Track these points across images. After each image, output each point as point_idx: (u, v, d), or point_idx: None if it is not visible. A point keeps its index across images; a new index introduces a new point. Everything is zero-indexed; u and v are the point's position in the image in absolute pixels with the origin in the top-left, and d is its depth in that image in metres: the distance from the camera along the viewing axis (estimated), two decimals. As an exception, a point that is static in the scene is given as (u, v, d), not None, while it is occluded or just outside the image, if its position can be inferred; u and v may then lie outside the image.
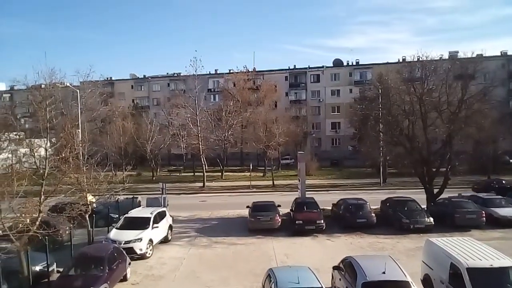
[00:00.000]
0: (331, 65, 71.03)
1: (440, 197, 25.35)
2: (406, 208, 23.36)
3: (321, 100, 69.11)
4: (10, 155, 23.58)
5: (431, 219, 22.06)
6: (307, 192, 27.61)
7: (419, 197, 25.38)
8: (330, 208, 26.10)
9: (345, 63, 70.92)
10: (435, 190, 25.46)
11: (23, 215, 13.35)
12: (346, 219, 23.11)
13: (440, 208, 23.76)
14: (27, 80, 45.70)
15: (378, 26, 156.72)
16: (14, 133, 34.38)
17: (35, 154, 16.43)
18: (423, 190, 25.93)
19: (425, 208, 24.26)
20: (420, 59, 26.52)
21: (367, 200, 25.14)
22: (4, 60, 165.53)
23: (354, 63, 70.11)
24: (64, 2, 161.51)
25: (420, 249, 14.76)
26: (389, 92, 28.83)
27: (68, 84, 42.15)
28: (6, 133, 29.43)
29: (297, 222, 22.18)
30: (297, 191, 29.56)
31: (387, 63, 61.52)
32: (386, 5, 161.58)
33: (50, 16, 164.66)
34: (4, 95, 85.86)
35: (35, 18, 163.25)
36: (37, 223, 13.48)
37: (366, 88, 49.39)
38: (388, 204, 24.97)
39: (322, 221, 22.17)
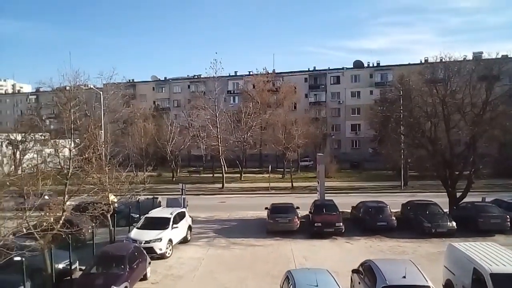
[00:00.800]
0: (352, 66, 70.48)
1: (463, 201, 24.79)
2: (428, 212, 22.95)
3: (341, 102, 68.58)
4: (35, 155, 24.27)
5: (454, 223, 21.61)
6: (326, 195, 27.45)
7: (441, 200, 24.89)
8: (350, 210, 25.86)
9: (365, 65, 70.20)
10: (458, 194, 24.91)
11: (47, 214, 13.69)
12: (366, 222, 22.86)
13: (463, 212, 23.24)
14: (53, 82, 47.28)
15: (400, 27, 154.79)
16: (40, 134, 35.31)
17: (60, 154, 16.83)
18: (445, 193, 25.40)
19: (448, 212, 23.78)
20: (443, 60, 26.04)
21: (388, 203, 24.77)
22: (30, 63, 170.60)
23: (375, 65, 69.31)
24: (88, 7, 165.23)
25: (442, 253, 14.46)
26: (410, 93, 28.42)
27: (91, 86, 43.12)
28: (32, 134, 30.32)
29: (316, 224, 22.06)
30: (316, 193, 29.41)
31: (409, 64, 60.69)
32: (409, 6, 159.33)
33: (74, 20, 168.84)
34: (30, 96, 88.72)
35: (60, 22, 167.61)
36: (61, 221, 13.79)
37: (387, 90, 48.64)
38: (409, 208, 24.58)
39: (341, 224, 21.96)
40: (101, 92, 39.10)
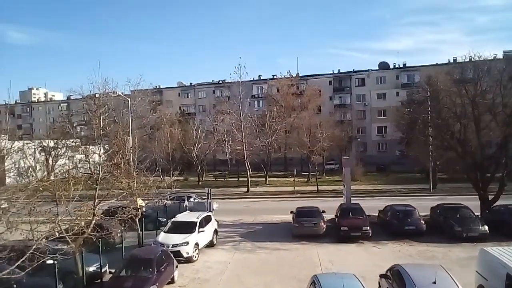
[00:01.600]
0: (377, 68, 69.58)
1: (496, 204, 23.98)
2: (458, 216, 22.29)
3: (366, 104, 67.74)
4: (67, 161, 25.00)
5: (486, 227, 20.93)
6: (352, 198, 27.14)
7: (472, 204, 24.12)
8: (377, 214, 25.46)
9: (391, 66, 69.16)
10: (490, 197, 24.13)
11: (78, 218, 14.10)
12: (394, 226, 22.45)
13: (496, 216, 22.50)
14: (83, 90, 48.52)
15: (426, 27, 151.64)
16: (71, 140, 36.35)
17: (90, 160, 17.31)
18: (477, 196, 24.63)
19: (479, 216, 23.05)
20: (472, 59, 25.36)
21: (416, 206, 24.25)
22: (62, 71, 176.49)
23: (401, 66, 68.19)
24: (116, 17, 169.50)
25: (474, 258, 14.05)
26: (438, 94, 27.77)
27: (120, 93, 44.15)
28: (63, 141, 31.28)
29: (342, 228, 21.84)
30: (342, 196, 29.12)
31: (436, 64, 59.41)
32: (435, 5, 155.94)
33: (103, 29, 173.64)
34: (62, 104, 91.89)
35: (89, 31, 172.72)
36: (91, 225, 14.15)
37: (414, 91, 47.66)
38: (438, 211, 23.96)
39: (368, 228, 21.67)
40: (129, 99, 39.95)
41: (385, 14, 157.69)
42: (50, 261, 12.51)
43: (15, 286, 11.55)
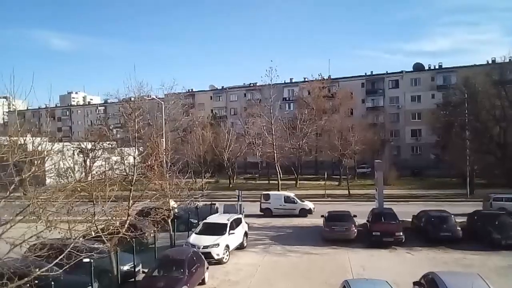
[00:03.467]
0: (411, 69, 67.86)
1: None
2: (497, 222, 21.40)
3: (400, 107, 66.24)
4: (103, 163, 25.83)
5: (527, 235, 20.02)
6: (385, 203, 26.63)
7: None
8: (410, 220, 24.85)
9: (426, 67, 67.30)
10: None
11: (114, 218, 14.54)
12: (428, 232, 21.81)
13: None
14: (119, 94, 50.18)
15: (463, 27, 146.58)
16: (107, 142, 37.53)
17: (125, 161, 17.83)
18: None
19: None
20: (512, 60, 24.44)
21: (452, 212, 23.53)
22: (100, 76, 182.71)
23: (437, 67, 66.28)
24: (151, 23, 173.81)
25: (513, 268, 13.49)
26: (476, 96, 26.98)
27: (154, 97, 45.27)
28: (100, 143, 32.37)
29: (374, 233, 21.46)
30: (374, 201, 28.60)
31: (474, 65, 57.28)
32: (472, 4, 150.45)
33: (139, 34, 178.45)
34: (99, 108, 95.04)
35: (126, 36, 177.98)
36: (126, 226, 14.56)
37: (451, 93, 46.18)
38: (476, 218, 23.11)
39: (401, 233, 21.19)
40: (162, 102, 40.92)
41: (420, 14, 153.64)
42: (87, 260, 12.92)
43: (53, 283, 12.00)
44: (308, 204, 31.10)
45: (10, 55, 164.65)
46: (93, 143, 33.97)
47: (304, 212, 30.28)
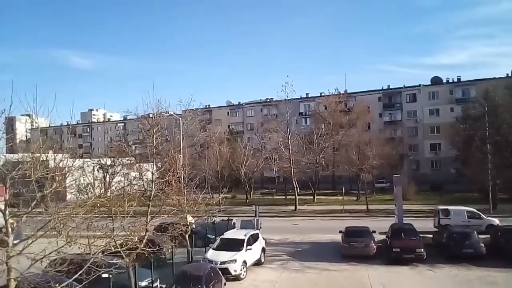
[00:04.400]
0: (429, 83, 67.20)
1: None
2: (522, 238, 20.76)
3: (418, 121, 65.45)
4: (122, 178, 26.15)
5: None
6: (404, 218, 26.16)
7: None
8: (431, 236, 24.30)
9: (444, 81, 66.56)
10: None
11: (132, 233, 14.67)
12: (450, 249, 21.24)
13: None
14: (138, 110, 51.17)
15: (481, 40, 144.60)
16: (126, 158, 38.08)
17: (143, 177, 18.05)
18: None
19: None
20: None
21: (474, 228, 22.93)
22: (119, 93, 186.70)
23: (455, 80, 65.47)
24: (169, 40, 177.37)
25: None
26: (497, 109, 26.54)
27: (172, 113, 45.94)
28: (120, 159, 32.88)
29: (394, 249, 21.01)
30: (394, 216, 28.12)
31: (494, 78, 56.37)
32: (491, 17, 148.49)
33: (158, 52, 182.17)
34: (118, 124, 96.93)
35: (144, 54, 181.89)
36: (144, 241, 14.66)
37: (470, 106, 45.50)
38: (499, 234, 22.46)
39: (422, 250, 20.69)
40: (180, 118, 41.47)
41: (436, 28, 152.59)
42: (106, 275, 13.02)
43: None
44: (495, 220, 28.15)
45: (33, 74, 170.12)
46: (112, 159, 34.54)
47: (491, 229, 25.64)
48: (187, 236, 19.51)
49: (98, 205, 14.19)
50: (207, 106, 79.84)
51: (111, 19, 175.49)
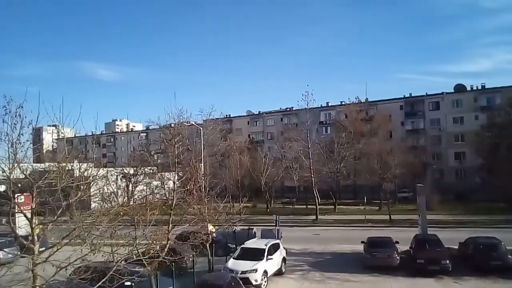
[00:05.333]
0: (452, 91, 65.94)
1: None
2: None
3: (441, 129, 64.16)
4: (145, 187, 26.56)
5: None
6: (428, 229, 25.57)
7: None
8: (457, 247, 23.65)
9: (468, 88, 65.20)
10: None
11: (154, 242, 14.84)
12: (477, 261, 20.60)
13: None
14: (160, 120, 52.05)
15: (504, 47, 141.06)
16: (149, 167, 38.65)
17: (165, 186, 18.30)
18: None
19: None
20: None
21: (502, 239, 22.19)
22: (142, 104, 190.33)
23: (480, 88, 64.02)
24: (190, 51, 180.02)
25: None
26: (523, 117, 25.75)
27: (193, 123, 46.51)
28: (142, 168, 33.43)
29: (418, 261, 20.53)
30: (417, 227, 27.52)
31: (519, 85, 54.97)
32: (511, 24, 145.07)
33: (178, 63, 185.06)
34: (141, 134, 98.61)
35: (166, 66, 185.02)
36: (166, 250, 14.80)
37: (495, 114, 44.49)
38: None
39: (447, 261, 20.15)
40: (201, 128, 41.92)
41: (459, 36, 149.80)
42: (128, 283, 13.16)
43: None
44: None
45: (60, 86, 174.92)
46: (135, 168, 35.11)
47: None
48: (208, 245, 19.59)
49: (121, 213, 14.46)
50: (228, 116, 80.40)
51: (135, 32, 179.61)
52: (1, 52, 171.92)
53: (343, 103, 68.44)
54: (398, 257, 21.46)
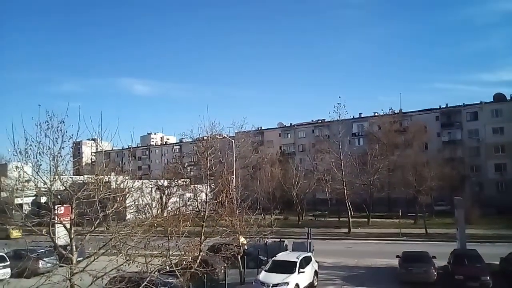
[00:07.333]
0: (491, 100, 63.60)
1: None
2: None
3: (480, 140, 61.82)
4: (178, 199, 27.03)
5: None
6: (467, 243, 24.61)
7: None
8: (498, 263, 22.61)
9: (508, 97, 62.70)
10: None
11: (186, 253, 15.09)
12: (520, 278, 19.69)
13: None
14: (193, 133, 52.99)
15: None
16: (182, 180, 39.27)
17: (198, 198, 18.60)
18: None
19: None
20: None
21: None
22: (176, 117, 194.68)
23: (520, 96, 61.48)
24: (223, 67, 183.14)
25: None
26: None
27: (225, 135, 47.09)
28: (176, 180, 34.07)
29: (456, 277, 19.74)
30: (455, 241, 26.55)
31: None
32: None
33: (210, 78, 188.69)
34: (175, 147, 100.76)
35: (200, 82, 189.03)
36: (198, 261, 15.01)
37: (539, 123, 42.52)
38: None
39: (488, 278, 19.27)
40: (233, 140, 42.38)
41: (496, 44, 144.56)
42: (161, 293, 13.48)
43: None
44: None
45: (99, 102, 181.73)
46: (169, 180, 35.82)
47: None
48: (239, 257, 19.65)
49: (155, 225, 14.84)
50: (259, 128, 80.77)
51: (169, 49, 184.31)
52: (46, 69, 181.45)
53: (376, 114, 67.39)
54: (435, 273, 20.71)
